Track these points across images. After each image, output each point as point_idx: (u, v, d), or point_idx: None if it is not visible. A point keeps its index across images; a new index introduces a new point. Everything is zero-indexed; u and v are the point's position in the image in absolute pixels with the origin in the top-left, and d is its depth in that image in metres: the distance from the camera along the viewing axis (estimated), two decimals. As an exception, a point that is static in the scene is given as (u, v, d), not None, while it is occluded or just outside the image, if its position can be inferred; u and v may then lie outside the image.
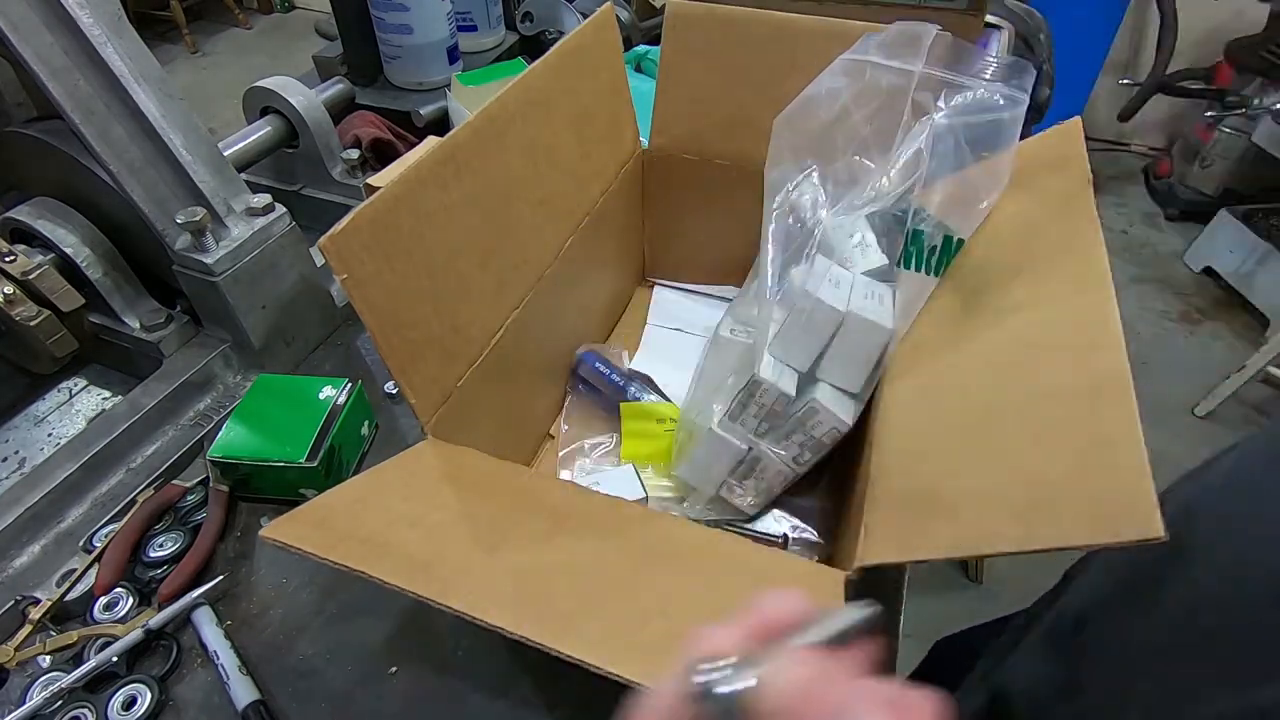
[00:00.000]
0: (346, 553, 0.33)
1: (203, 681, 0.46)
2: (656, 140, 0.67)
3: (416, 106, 0.89)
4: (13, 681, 0.45)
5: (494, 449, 0.45)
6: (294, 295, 0.64)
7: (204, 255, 0.57)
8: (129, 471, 0.57)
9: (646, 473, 0.57)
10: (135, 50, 0.56)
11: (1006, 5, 1.06)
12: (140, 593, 0.49)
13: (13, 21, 0.51)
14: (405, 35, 0.88)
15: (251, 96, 0.76)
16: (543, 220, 0.54)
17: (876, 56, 0.51)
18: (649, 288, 0.77)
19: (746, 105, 0.62)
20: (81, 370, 0.67)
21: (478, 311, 0.48)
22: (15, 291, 0.55)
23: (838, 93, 0.51)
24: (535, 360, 0.58)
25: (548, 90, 0.53)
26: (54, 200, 0.61)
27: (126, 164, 0.56)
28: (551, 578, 0.35)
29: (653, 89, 0.65)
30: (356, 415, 0.57)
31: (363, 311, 0.38)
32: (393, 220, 0.40)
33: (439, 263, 0.44)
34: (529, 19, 1.01)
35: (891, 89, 0.50)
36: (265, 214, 0.61)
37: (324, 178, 0.78)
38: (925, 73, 0.49)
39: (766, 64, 0.60)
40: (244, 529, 0.54)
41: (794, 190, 0.53)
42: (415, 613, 0.49)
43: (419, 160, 0.42)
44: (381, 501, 0.38)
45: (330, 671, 0.46)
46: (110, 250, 0.62)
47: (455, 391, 0.46)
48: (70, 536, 0.53)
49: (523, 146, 0.51)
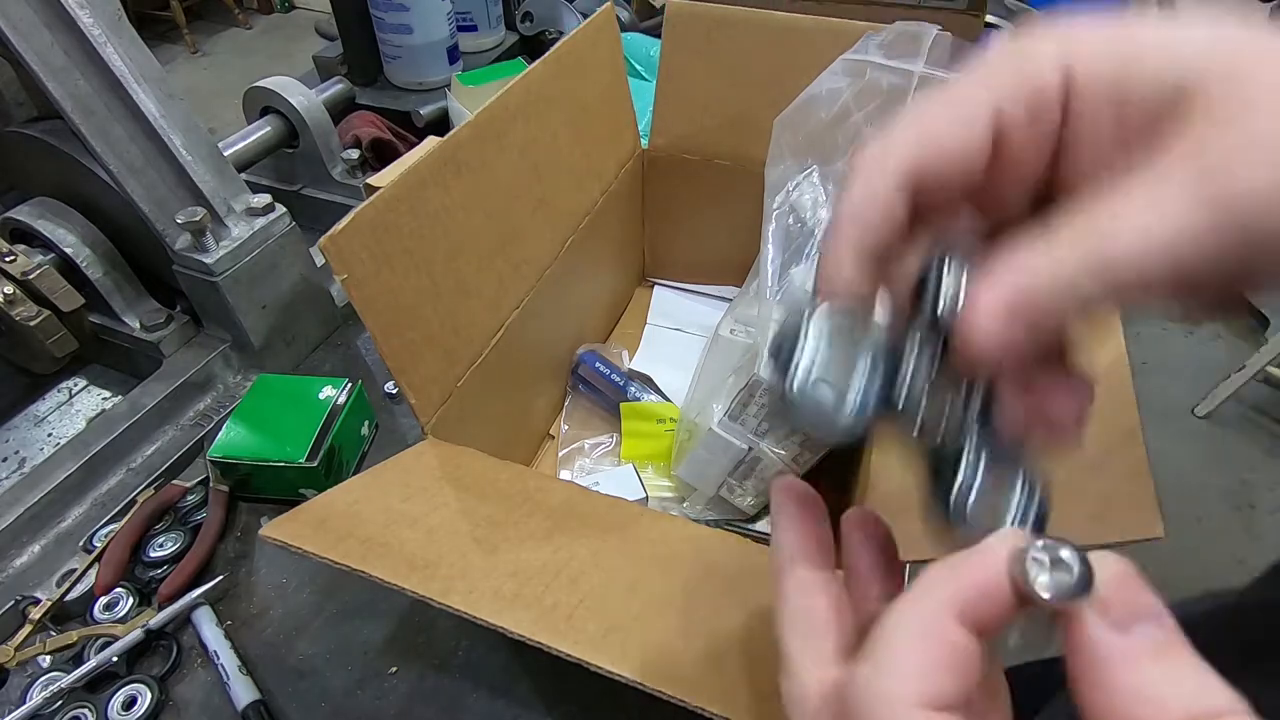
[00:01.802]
0: (346, 552, 0.33)
1: (203, 681, 0.46)
2: (656, 140, 0.67)
3: (416, 106, 0.89)
4: (13, 681, 0.45)
5: (494, 449, 0.45)
6: (294, 295, 0.64)
7: (204, 255, 0.57)
8: (129, 471, 0.57)
9: (646, 473, 0.57)
10: (135, 50, 0.56)
11: (1006, 5, 1.06)
12: (140, 593, 0.49)
13: (13, 21, 0.51)
14: (405, 35, 0.88)
15: (251, 96, 0.76)
16: (543, 220, 0.54)
17: (877, 56, 0.51)
18: (649, 288, 0.77)
19: (746, 105, 0.62)
20: (81, 370, 0.67)
21: (478, 311, 0.48)
22: (15, 291, 0.55)
23: (838, 93, 0.51)
24: (535, 360, 0.58)
25: (548, 90, 0.53)
26: (54, 200, 0.61)
27: (126, 164, 0.56)
28: (551, 578, 0.35)
29: (652, 89, 0.65)
30: (356, 415, 0.57)
31: (363, 311, 0.38)
32: (393, 220, 0.40)
33: (439, 263, 0.44)
34: (529, 19, 1.01)
35: (892, 89, 0.50)
36: (265, 214, 0.61)
37: (324, 178, 0.78)
38: (925, 73, 0.49)
39: (766, 64, 0.60)
40: (244, 529, 0.54)
41: (794, 190, 0.53)
42: (415, 613, 0.49)
43: (419, 160, 0.42)
44: (381, 501, 0.38)
45: (330, 671, 0.46)
46: (110, 250, 0.62)
47: (455, 391, 0.46)
48: (70, 536, 0.53)
49: (523, 146, 0.51)
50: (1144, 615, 0.15)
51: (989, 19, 0.94)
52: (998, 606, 0.16)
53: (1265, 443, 1.55)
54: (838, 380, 0.19)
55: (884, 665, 0.16)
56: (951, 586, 0.17)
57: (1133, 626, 0.15)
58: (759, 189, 0.54)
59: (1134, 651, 0.15)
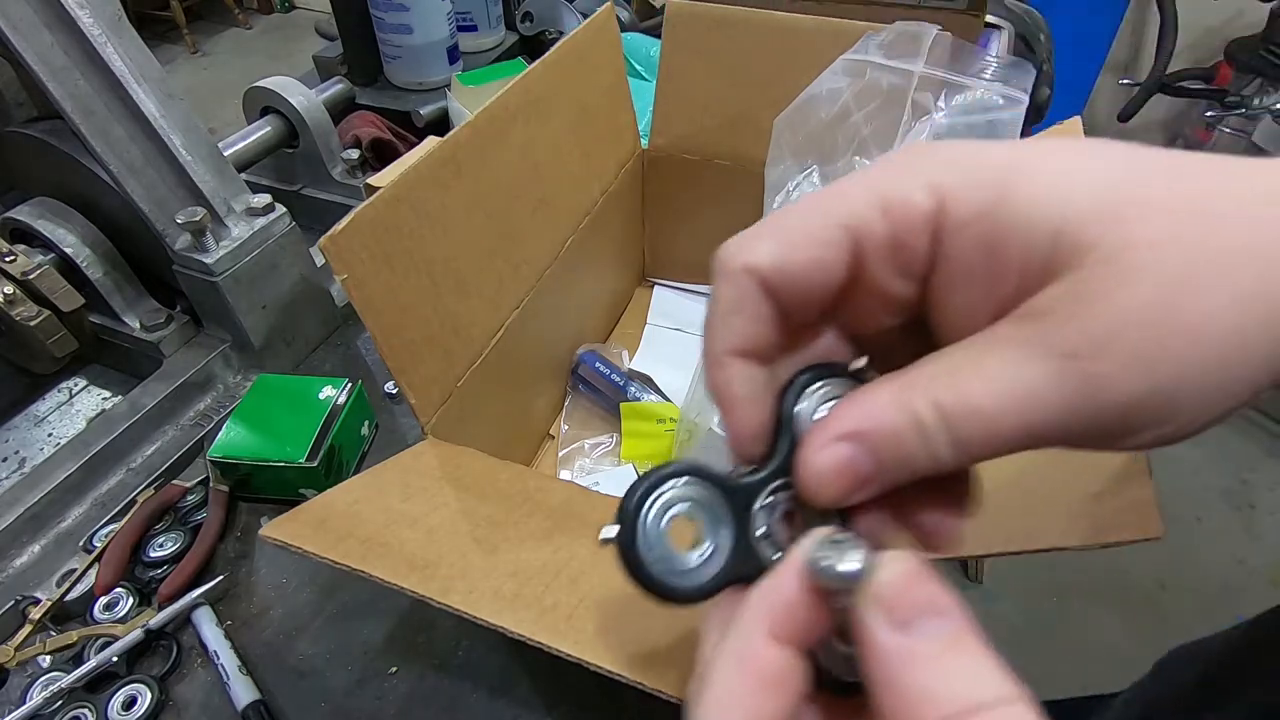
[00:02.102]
0: (346, 552, 0.33)
1: (203, 681, 0.46)
2: (656, 140, 0.67)
3: (416, 106, 0.89)
4: (13, 681, 0.45)
5: (494, 449, 0.45)
6: (294, 295, 0.64)
7: (204, 255, 0.57)
8: (129, 471, 0.57)
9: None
10: (135, 50, 0.56)
11: (1006, 5, 1.06)
12: (140, 593, 0.49)
13: (13, 21, 0.51)
14: (405, 35, 0.88)
15: (251, 96, 0.76)
16: (543, 220, 0.54)
17: (877, 56, 0.51)
18: (649, 288, 0.77)
19: (746, 105, 0.62)
20: (81, 370, 0.67)
21: (478, 311, 0.48)
22: (15, 291, 0.55)
23: (838, 93, 0.51)
24: (535, 360, 0.58)
25: (548, 90, 0.53)
26: (54, 200, 0.61)
27: (126, 164, 0.56)
28: (551, 578, 0.35)
29: (652, 89, 0.65)
30: (356, 415, 0.57)
31: (363, 311, 0.38)
32: (393, 220, 0.40)
33: (439, 263, 0.44)
34: (529, 19, 1.01)
35: (891, 89, 0.50)
36: (265, 214, 0.61)
37: (324, 178, 0.78)
38: (925, 73, 0.49)
39: (766, 64, 0.60)
40: (244, 529, 0.54)
41: (794, 190, 0.53)
42: (415, 613, 0.49)
43: (419, 160, 0.42)
44: (381, 501, 0.38)
45: (330, 671, 0.46)
46: (110, 250, 0.62)
47: (455, 391, 0.46)
48: (70, 536, 0.53)
49: (523, 146, 0.51)
50: (930, 611, 0.15)
51: (989, 19, 0.94)
52: (803, 612, 0.17)
53: (1265, 443, 1.55)
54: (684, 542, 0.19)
55: (704, 701, 0.16)
56: (761, 606, 0.17)
57: (916, 623, 0.15)
58: (759, 189, 0.54)
59: (916, 650, 0.15)
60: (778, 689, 0.16)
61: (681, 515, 0.19)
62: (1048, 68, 1.11)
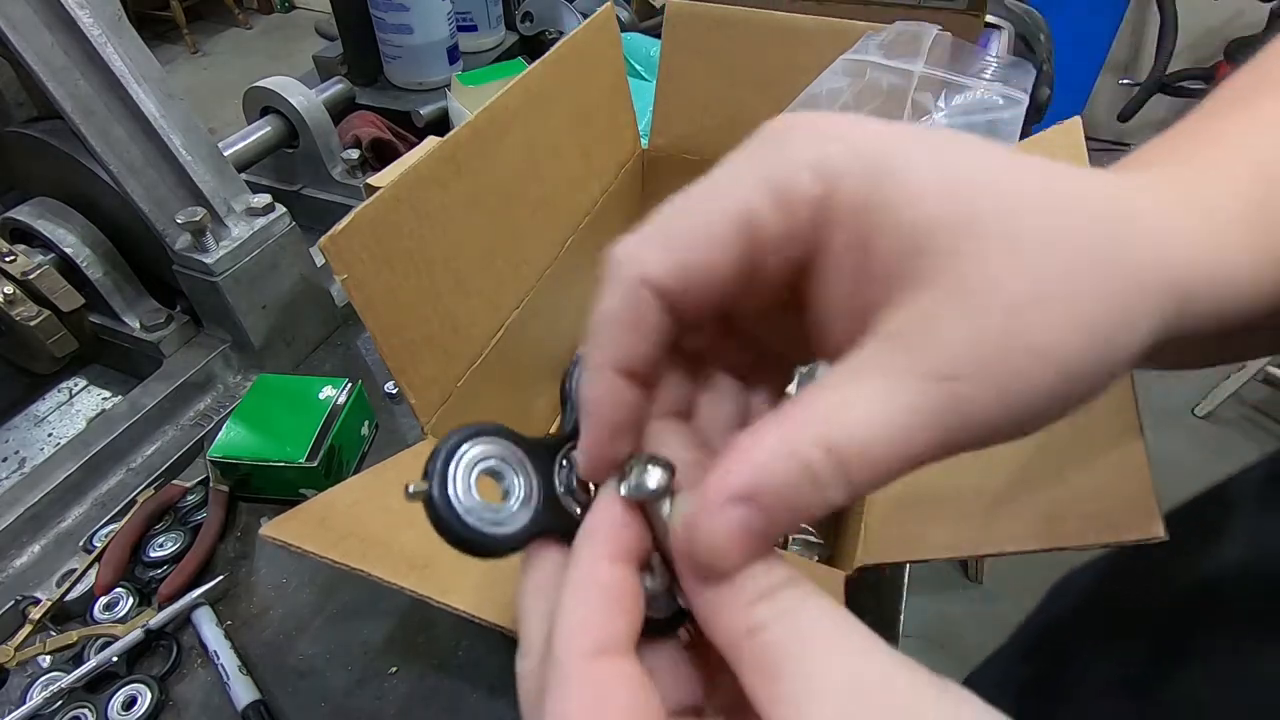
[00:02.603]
0: (346, 552, 0.33)
1: (203, 681, 0.46)
2: (656, 140, 0.67)
3: (416, 106, 0.89)
4: (13, 681, 0.45)
5: (494, 449, 0.45)
6: (294, 295, 0.64)
7: (204, 255, 0.57)
8: (129, 471, 0.57)
9: (646, 473, 0.57)
10: (135, 50, 0.56)
11: (1006, 5, 1.06)
12: (140, 593, 0.49)
13: (13, 21, 0.51)
14: (405, 35, 0.88)
15: (251, 96, 0.76)
16: (543, 220, 0.54)
17: (877, 56, 0.51)
18: (649, 288, 0.77)
19: (746, 105, 0.62)
20: (81, 370, 0.67)
21: (477, 311, 0.48)
22: (15, 291, 0.55)
23: (838, 93, 0.51)
24: (535, 360, 0.58)
25: (548, 90, 0.53)
26: (54, 200, 0.61)
27: (126, 164, 0.56)
28: (551, 578, 0.35)
29: (652, 89, 0.65)
30: (356, 415, 0.57)
31: (363, 311, 0.38)
32: (393, 220, 0.40)
33: (439, 263, 0.44)
34: (529, 19, 1.01)
35: (892, 89, 0.50)
36: (265, 214, 0.61)
37: (324, 178, 0.78)
38: (925, 73, 0.49)
39: (766, 64, 0.60)
40: (244, 529, 0.54)
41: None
42: (415, 613, 0.49)
43: (419, 160, 0.42)
44: (381, 501, 0.38)
45: (330, 671, 0.46)
46: (110, 250, 0.62)
47: (455, 391, 0.46)
48: (70, 536, 0.53)
49: (523, 146, 0.51)
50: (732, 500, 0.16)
51: (989, 19, 0.94)
52: (630, 530, 0.18)
53: (1265, 443, 1.55)
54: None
55: (557, 629, 0.17)
56: (596, 534, 0.18)
57: (723, 510, 0.16)
58: (759, 189, 0.54)
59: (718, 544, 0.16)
60: (626, 605, 0.17)
61: (487, 470, 0.19)
62: (1048, 68, 1.11)
